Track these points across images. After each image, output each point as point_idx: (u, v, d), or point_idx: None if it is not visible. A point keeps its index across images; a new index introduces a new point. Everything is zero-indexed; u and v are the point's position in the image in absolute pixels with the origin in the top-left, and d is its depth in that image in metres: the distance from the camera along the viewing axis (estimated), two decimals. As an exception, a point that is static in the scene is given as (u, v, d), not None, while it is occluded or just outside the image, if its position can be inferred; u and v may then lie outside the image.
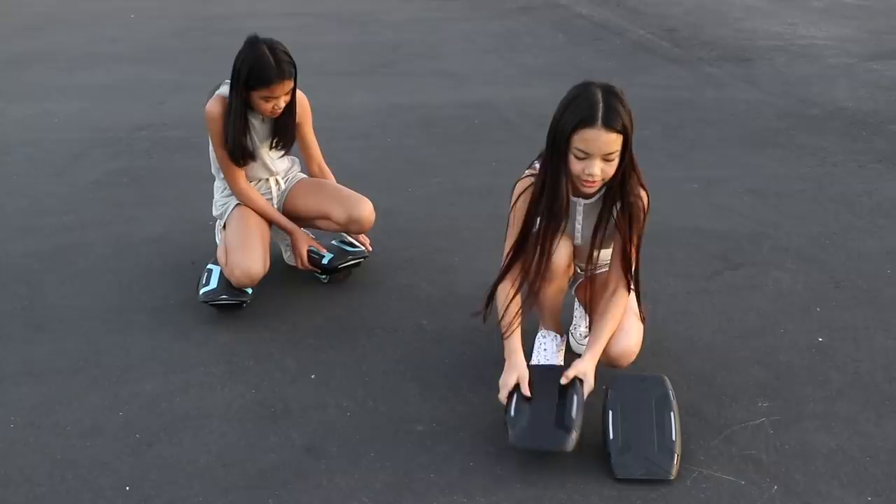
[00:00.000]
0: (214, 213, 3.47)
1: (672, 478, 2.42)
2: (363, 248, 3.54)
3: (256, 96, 3.14)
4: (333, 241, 3.57)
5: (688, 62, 7.48)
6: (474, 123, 5.78)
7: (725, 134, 5.56)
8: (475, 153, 5.19)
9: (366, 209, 3.44)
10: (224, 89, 3.23)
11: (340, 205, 3.43)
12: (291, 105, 3.27)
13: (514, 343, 2.65)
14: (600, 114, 2.38)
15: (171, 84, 6.71)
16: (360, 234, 3.55)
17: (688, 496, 2.39)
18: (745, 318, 3.31)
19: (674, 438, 2.47)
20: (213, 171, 3.44)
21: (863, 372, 2.97)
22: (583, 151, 2.42)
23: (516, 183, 2.70)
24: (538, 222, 2.61)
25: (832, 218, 4.25)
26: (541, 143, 2.61)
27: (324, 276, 3.52)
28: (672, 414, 2.51)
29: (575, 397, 2.51)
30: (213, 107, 3.21)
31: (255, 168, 3.38)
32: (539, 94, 6.41)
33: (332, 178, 3.61)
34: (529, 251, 2.64)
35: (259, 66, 3.08)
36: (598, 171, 2.44)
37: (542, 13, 9.85)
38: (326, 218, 3.46)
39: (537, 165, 2.63)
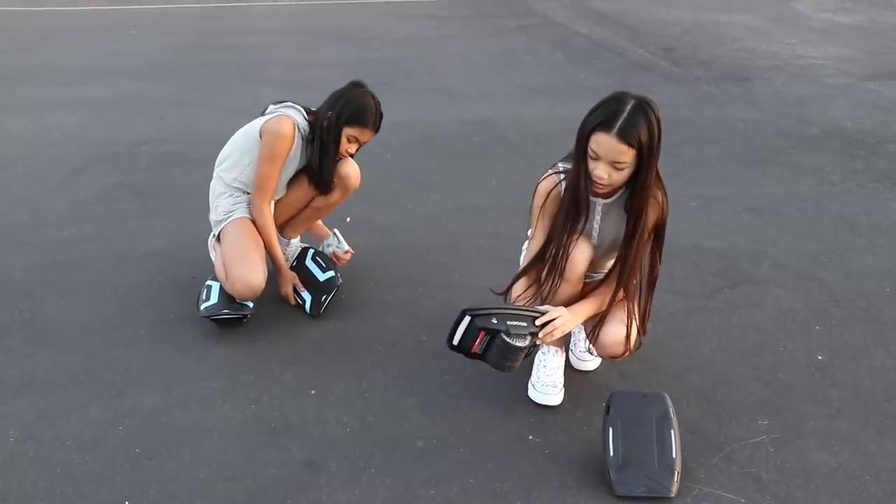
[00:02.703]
0: (215, 217, 3.42)
1: (672, 495, 2.42)
2: (334, 273, 3.50)
3: (346, 133, 3.30)
4: (310, 262, 3.57)
5: (686, 81, 7.52)
6: (473, 141, 5.80)
7: (724, 153, 5.58)
8: (474, 170, 5.20)
9: (349, 164, 3.48)
10: (291, 112, 3.31)
11: None
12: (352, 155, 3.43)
13: None
14: (619, 123, 2.43)
15: (170, 99, 6.72)
16: (351, 190, 3.53)
17: (688, 514, 2.39)
18: (745, 336, 3.32)
19: (674, 456, 2.46)
20: (221, 171, 3.41)
21: (863, 390, 2.97)
22: (595, 152, 2.50)
23: (539, 183, 2.76)
24: (560, 219, 2.68)
25: (831, 237, 4.26)
26: (538, 160, 2.63)
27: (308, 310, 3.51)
28: (672, 431, 2.51)
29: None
30: (286, 126, 3.26)
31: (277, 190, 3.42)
32: (537, 113, 6.45)
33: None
34: (550, 249, 2.72)
35: (364, 109, 3.30)
36: (606, 175, 2.50)
37: (541, 32, 9.90)
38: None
39: (560, 165, 2.69)
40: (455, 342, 2.62)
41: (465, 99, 6.92)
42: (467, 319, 2.58)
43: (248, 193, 3.38)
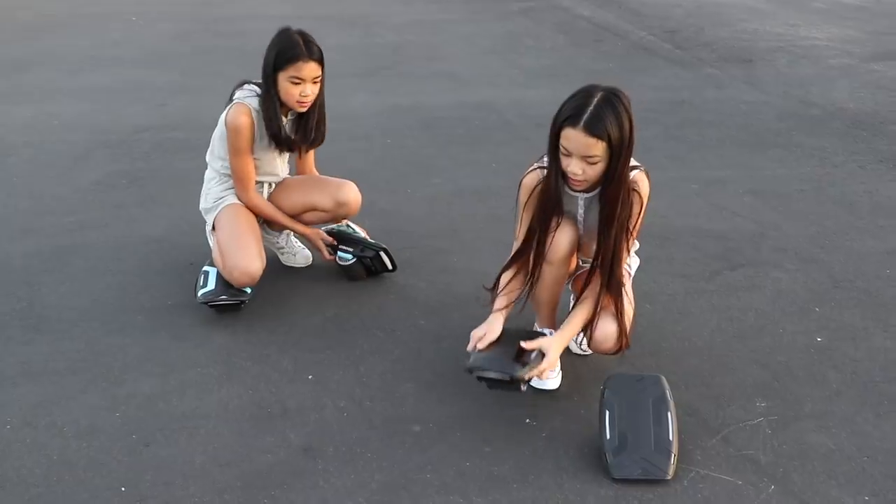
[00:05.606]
0: (204, 205, 3.44)
1: (669, 478, 2.42)
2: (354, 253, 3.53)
3: (284, 78, 3.14)
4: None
5: (689, 63, 7.48)
6: (475, 125, 5.78)
7: (726, 135, 5.56)
8: (475, 154, 5.19)
9: (351, 191, 3.45)
10: (242, 94, 3.22)
11: (325, 192, 3.44)
12: (318, 101, 3.27)
13: (498, 314, 2.71)
14: (585, 117, 2.41)
15: (172, 86, 6.71)
16: (348, 217, 3.53)
17: (685, 496, 2.38)
18: (744, 319, 3.31)
19: (671, 438, 2.46)
20: (209, 158, 3.43)
21: (861, 372, 2.97)
22: (566, 148, 2.48)
23: (523, 177, 2.74)
24: (539, 213, 2.68)
25: (832, 218, 4.24)
26: (540, 144, 2.62)
27: (350, 258, 3.52)
28: (669, 414, 2.51)
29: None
30: (239, 117, 3.18)
31: (262, 171, 3.39)
32: (539, 96, 6.42)
33: None
34: (532, 241, 2.72)
35: (286, 46, 3.14)
36: (580, 170, 2.48)
37: (544, 15, 9.85)
38: (313, 209, 3.47)
39: (545, 159, 2.68)
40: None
41: (466, 83, 6.90)
42: (475, 377, 2.58)
43: None
